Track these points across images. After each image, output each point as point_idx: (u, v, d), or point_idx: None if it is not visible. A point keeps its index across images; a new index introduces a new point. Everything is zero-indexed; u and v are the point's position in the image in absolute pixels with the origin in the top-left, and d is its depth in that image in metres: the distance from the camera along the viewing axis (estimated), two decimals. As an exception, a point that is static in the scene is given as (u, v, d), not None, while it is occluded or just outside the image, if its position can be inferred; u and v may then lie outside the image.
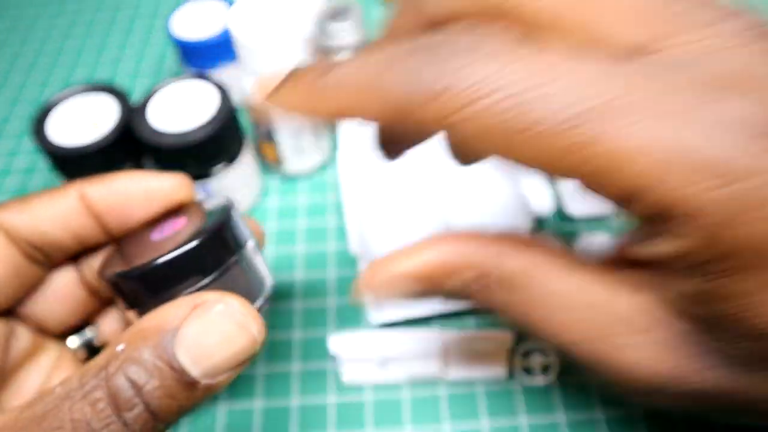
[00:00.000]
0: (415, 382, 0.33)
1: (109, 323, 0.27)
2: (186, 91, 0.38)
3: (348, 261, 0.38)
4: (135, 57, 0.55)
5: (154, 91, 0.38)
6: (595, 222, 0.39)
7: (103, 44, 0.56)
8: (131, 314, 0.22)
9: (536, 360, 0.33)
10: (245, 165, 0.39)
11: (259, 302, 0.22)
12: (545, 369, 0.33)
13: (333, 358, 0.34)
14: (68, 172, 0.37)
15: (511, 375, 0.33)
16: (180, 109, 0.37)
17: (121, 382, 0.17)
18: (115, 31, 0.58)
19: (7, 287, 0.22)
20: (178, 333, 0.18)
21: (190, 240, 0.20)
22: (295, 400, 0.33)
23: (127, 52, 0.55)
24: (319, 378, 0.33)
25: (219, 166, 0.37)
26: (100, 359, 0.18)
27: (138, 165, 0.39)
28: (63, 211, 0.23)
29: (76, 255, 0.25)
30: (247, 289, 0.22)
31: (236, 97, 0.47)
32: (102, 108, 0.38)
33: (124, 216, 0.24)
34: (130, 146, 0.38)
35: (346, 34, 0.43)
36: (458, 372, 0.33)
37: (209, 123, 0.35)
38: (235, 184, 0.39)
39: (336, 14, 0.43)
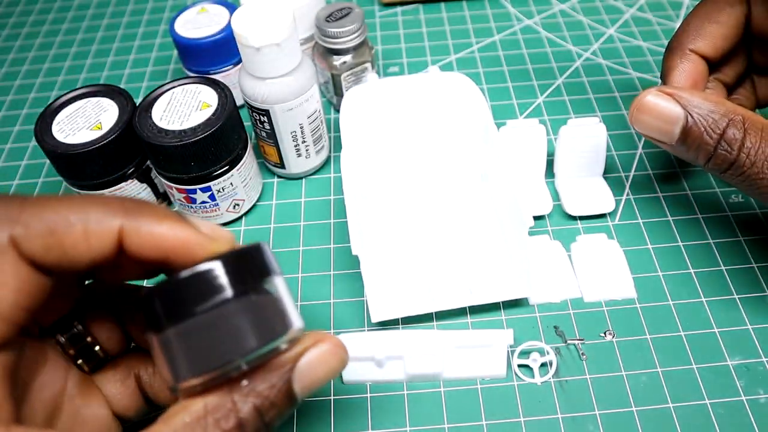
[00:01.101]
0: (414, 382, 0.33)
1: (105, 332, 0.27)
2: (188, 92, 0.38)
3: (348, 261, 0.38)
4: (138, 58, 0.55)
5: (157, 92, 0.38)
6: (592, 222, 0.39)
7: (106, 46, 0.56)
8: (155, 339, 0.22)
9: (534, 359, 0.33)
10: (247, 165, 0.40)
11: (282, 339, 0.22)
12: (543, 368, 0.33)
13: (333, 358, 0.34)
14: (71, 174, 0.38)
15: (509, 374, 0.33)
16: (182, 110, 0.37)
17: (249, 413, 0.21)
18: (118, 33, 0.58)
19: (35, 305, 0.22)
20: (297, 368, 0.22)
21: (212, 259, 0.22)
22: (295, 399, 0.33)
23: (129, 53, 0.55)
24: (319, 377, 0.34)
25: (221, 166, 0.38)
26: (222, 389, 0.21)
27: (140, 166, 0.39)
28: (95, 252, 0.21)
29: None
30: (269, 322, 0.22)
31: (238, 99, 0.47)
32: (104, 109, 0.38)
33: (151, 259, 0.22)
34: (132, 147, 0.38)
35: (346, 35, 0.43)
36: (457, 371, 0.33)
37: (211, 124, 0.36)
38: (237, 184, 0.39)
39: (336, 15, 0.43)
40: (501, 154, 0.37)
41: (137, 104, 0.38)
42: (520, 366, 0.33)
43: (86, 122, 0.37)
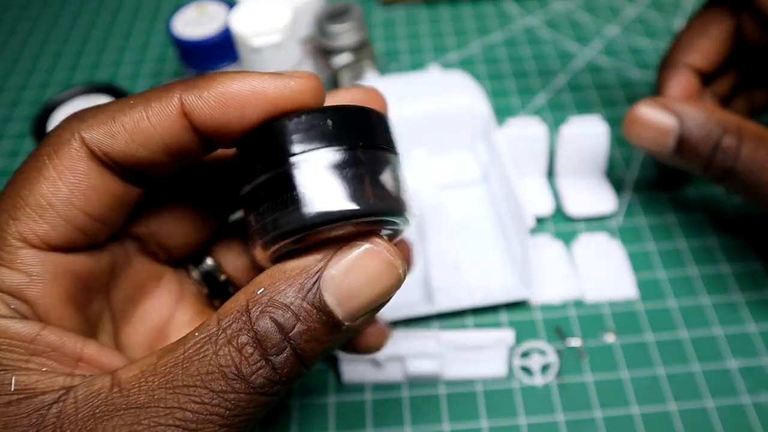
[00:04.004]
0: (414, 382, 0.33)
1: (231, 259, 0.26)
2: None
3: (348, 261, 0.38)
4: (135, 58, 0.55)
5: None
6: (593, 222, 0.39)
7: (103, 45, 0.56)
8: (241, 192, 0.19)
9: (535, 360, 0.33)
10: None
11: (398, 220, 0.19)
12: (544, 369, 0.33)
13: (333, 358, 0.34)
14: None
15: (510, 375, 0.33)
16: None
17: (267, 326, 0.17)
18: (115, 32, 0.58)
19: (104, 211, 0.20)
20: (324, 274, 0.18)
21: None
22: (295, 400, 0.33)
23: (127, 52, 0.55)
24: (319, 378, 0.33)
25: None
26: (238, 302, 0.18)
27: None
28: (160, 129, 0.19)
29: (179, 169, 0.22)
30: (388, 199, 0.19)
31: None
32: (102, 108, 0.38)
33: (225, 128, 0.19)
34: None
35: (346, 34, 0.43)
36: (457, 372, 0.33)
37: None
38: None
39: (336, 14, 0.43)
40: (501, 154, 0.37)
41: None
42: (520, 367, 0.33)
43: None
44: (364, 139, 0.19)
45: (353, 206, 0.18)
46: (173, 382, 0.17)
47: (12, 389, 0.17)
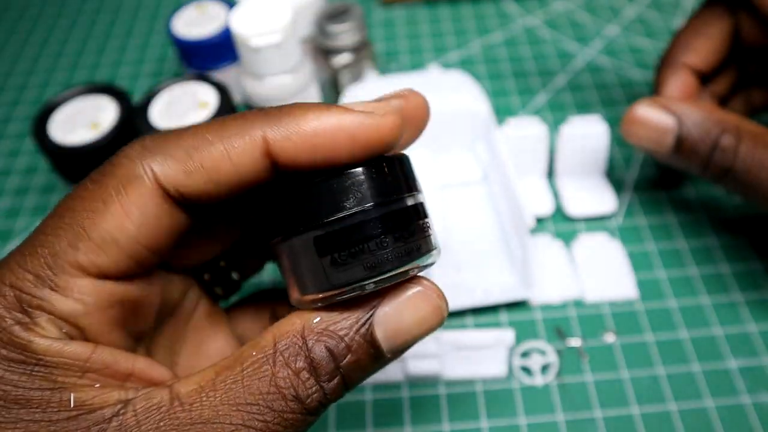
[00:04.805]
0: (414, 382, 0.33)
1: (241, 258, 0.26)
2: (186, 91, 0.38)
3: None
4: (135, 58, 0.55)
5: (155, 91, 0.38)
6: (593, 222, 0.39)
7: (103, 45, 0.56)
8: (282, 247, 0.19)
9: (535, 360, 0.33)
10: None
11: (418, 262, 0.20)
12: (544, 369, 0.33)
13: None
14: (68, 172, 0.37)
15: (510, 375, 0.33)
16: (181, 109, 0.37)
17: (322, 353, 0.19)
18: (115, 32, 0.58)
19: (164, 245, 0.20)
20: (377, 311, 0.19)
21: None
22: (294, 400, 0.33)
23: (127, 52, 0.55)
24: (318, 378, 0.33)
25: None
26: (294, 325, 0.19)
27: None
28: (241, 169, 0.19)
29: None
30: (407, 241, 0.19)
31: (236, 98, 0.47)
32: (102, 108, 0.38)
33: (309, 167, 0.19)
34: (130, 146, 0.38)
35: (346, 34, 0.43)
36: (457, 372, 0.33)
37: (209, 123, 0.36)
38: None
39: (336, 15, 0.43)
40: (501, 154, 0.37)
41: (135, 103, 0.38)
42: (520, 367, 0.33)
43: (83, 121, 0.37)
44: (409, 188, 0.20)
45: (429, 254, 0.19)
46: (236, 399, 0.18)
47: (72, 405, 0.18)
